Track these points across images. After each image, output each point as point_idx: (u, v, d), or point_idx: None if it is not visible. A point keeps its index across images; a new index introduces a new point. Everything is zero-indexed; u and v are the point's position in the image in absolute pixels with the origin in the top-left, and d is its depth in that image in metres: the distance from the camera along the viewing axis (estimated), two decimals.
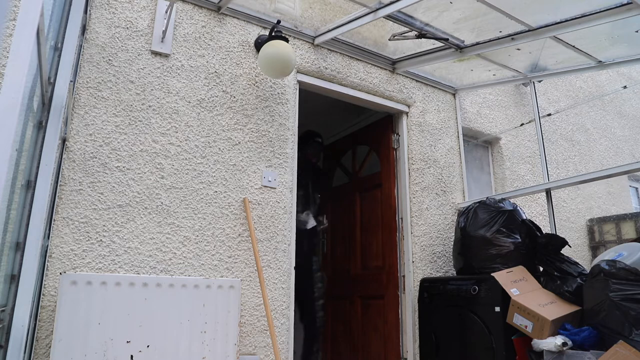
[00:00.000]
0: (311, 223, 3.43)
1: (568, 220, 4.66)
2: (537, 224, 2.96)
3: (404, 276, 3.28)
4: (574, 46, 3.01)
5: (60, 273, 1.97)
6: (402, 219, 3.39)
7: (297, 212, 3.35)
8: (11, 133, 0.92)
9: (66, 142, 2.18)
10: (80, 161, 2.20)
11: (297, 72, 3.02)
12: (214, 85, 2.65)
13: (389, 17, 2.77)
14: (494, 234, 2.87)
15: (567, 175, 4.67)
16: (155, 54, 2.50)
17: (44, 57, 1.37)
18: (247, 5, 2.84)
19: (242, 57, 2.80)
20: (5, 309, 1.40)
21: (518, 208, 3.02)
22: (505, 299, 2.55)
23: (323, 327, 3.43)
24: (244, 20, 2.86)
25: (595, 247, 4.79)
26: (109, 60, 2.36)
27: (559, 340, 2.30)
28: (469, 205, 3.15)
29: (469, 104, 4.10)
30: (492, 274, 2.65)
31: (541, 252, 2.82)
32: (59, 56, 1.66)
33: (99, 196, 2.22)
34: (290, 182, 2.83)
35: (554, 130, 4.83)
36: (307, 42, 3.09)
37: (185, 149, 2.49)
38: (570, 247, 2.85)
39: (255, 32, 2.88)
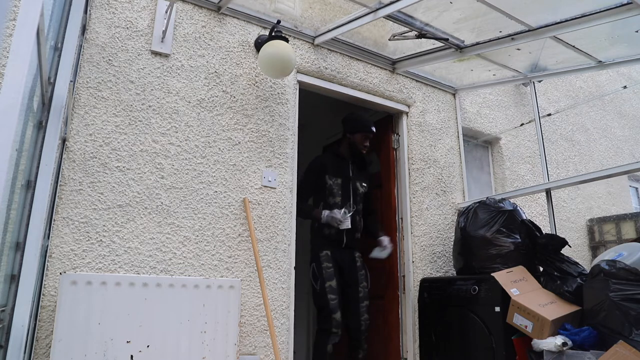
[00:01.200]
0: (346, 224, 2.88)
1: (568, 220, 4.65)
2: (537, 224, 2.96)
3: (404, 276, 3.28)
4: (574, 46, 3.01)
5: (60, 273, 1.97)
6: (402, 219, 3.39)
7: (331, 204, 2.95)
8: (11, 133, 0.92)
9: (66, 142, 2.18)
10: (80, 161, 2.20)
11: (297, 72, 3.02)
12: (214, 85, 2.65)
13: (389, 17, 2.77)
14: (494, 234, 2.87)
15: (567, 175, 4.67)
16: (155, 54, 2.50)
17: (44, 57, 1.37)
18: (247, 5, 2.84)
19: (242, 57, 2.80)
20: (5, 309, 1.40)
21: (518, 208, 3.02)
22: (505, 299, 2.55)
23: (367, 332, 2.96)
24: (244, 20, 2.86)
25: (595, 247, 4.79)
26: (109, 60, 2.36)
27: (559, 340, 2.30)
28: (469, 205, 3.15)
29: (469, 104, 4.10)
30: (492, 274, 2.65)
31: (541, 252, 2.82)
32: (59, 56, 1.66)
33: (99, 196, 2.22)
34: (290, 182, 2.83)
35: (554, 130, 4.83)
36: (307, 42, 3.09)
37: (185, 149, 2.49)
38: (570, 247, 2.85)
39: (255, 32, 2.88)
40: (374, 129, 3.17)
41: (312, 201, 3.10)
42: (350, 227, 2.91)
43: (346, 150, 3.16)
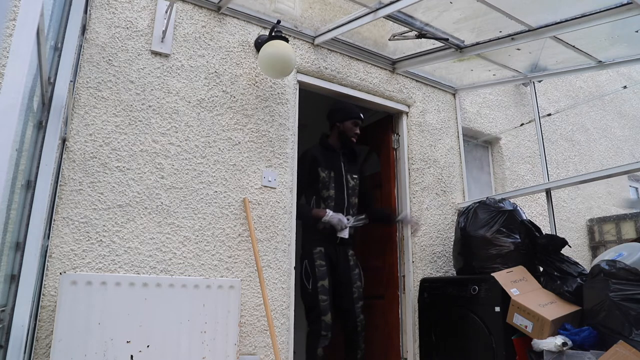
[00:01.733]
0: (345, 233, 2.86)
1: (568, 220, 4.65)
2: (537, 224, 2.96)
3: (404, 276, 3.28)
4: (574, 46, 3.01)
5: (60, 273, 1.97)
6: None
7: (325, 197, 2.90)
8: (11, 133, 0.92)
9: (66, 142, 2.18)
10: (80, 161, 2.20)
11: (297, 72, 3.02)
12: (214, 85, 2.65)
13: (389, 17, 2.77)
14: (494, 234, 2.87)
15: (567, 175, 4.67)
16: (155, 54, 2.50)
17: (44, 57, 1.37)
18: (247, 5, 2.85)
19: (242, 57, 2.80)
20: (5, 309, 1.40)
21: (518, 208, 3.02)
22: (505, 299, 2.55)
23: (364, 332, 2.90)
24: (244, 20, 2.86)
25: (595, 247, 4.79)
26: (109, 60, 2.36)
27: (559, 340, 2.30)
28: (469, 205, 3.15)
29: (469, 104, 4.10)
30: (492, 274, 2.65)
31: (541, 252, 2.82)
32: (59, 56, 1.66)
33: (99, 196, 2.22)
34: (290, 182, 2.83)
35: (554, 130, 4.83)
36: (307, 42, 3.09)
37: (185, 149, 2.49)
38: (570, 247, 2.85)
39: (255, 32, 2.88)
40: (362, 115, 3.13)
41: (302, 198, 3.02)
42: (347, 237, 2.89)
43: (336, 142, 3.10)
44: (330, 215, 2.85)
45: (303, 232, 2.97)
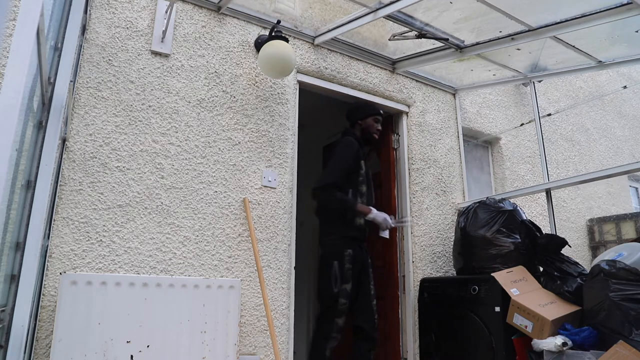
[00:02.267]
0: (386, 233, 2.82)
1: (568, 220, 4.65)
2: (537, 224, 2.97)
3: (404, 276, 3.28)
4: (574, 46, 3.01)
5: (60, 273, 1.97)
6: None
7: (362, 192, 2.79)
8: (11, 133, 0.92)
9: (66, 142, 2.18)
10: (80, 161, 2.20)
11: (297, 72, 3.02)
12: (214, 85, 2.65)
13: (389, 17, 2.77)
14: (494, 234, 2.87)
15: (567, 175, 4.67)
16: (155, 54, 2.50)
17: (44, 57, 1.37)
18: (247, 5, 2.85)
19: (242, 57, 2.80)
20: (5, 309, 1.40)
21: (518, 208, 3.02)
22: (505, 299, 2.55)
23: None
24: (244, 20, 2.86)
25: (595, 247, 4.79)
26: (109, 60, 2.36)
27: (559, 340, 2.30)
28: (469, 205, 3.15)
29: (469, 104, 4.10)
30: (492, 274, 2.65)
31: (541, 252, 2.82)
32: (59, 56, 1.66)
33: (99, 196, 2.22)
34: (290, 182, 2.83)
35: (554, 130, 4.83)
36: (307, 42, 3.09)
37: (185, 149, 2.49)
38: (570, 247, 2.85)
39: (255, 32, 2.88)
40: (382, 111, 3.08)
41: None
42: (388, 237, 2.86)
43: (359, 139, 2.99)
44: (375, 213, 2.75)
45: (333, 229, 2.78)
